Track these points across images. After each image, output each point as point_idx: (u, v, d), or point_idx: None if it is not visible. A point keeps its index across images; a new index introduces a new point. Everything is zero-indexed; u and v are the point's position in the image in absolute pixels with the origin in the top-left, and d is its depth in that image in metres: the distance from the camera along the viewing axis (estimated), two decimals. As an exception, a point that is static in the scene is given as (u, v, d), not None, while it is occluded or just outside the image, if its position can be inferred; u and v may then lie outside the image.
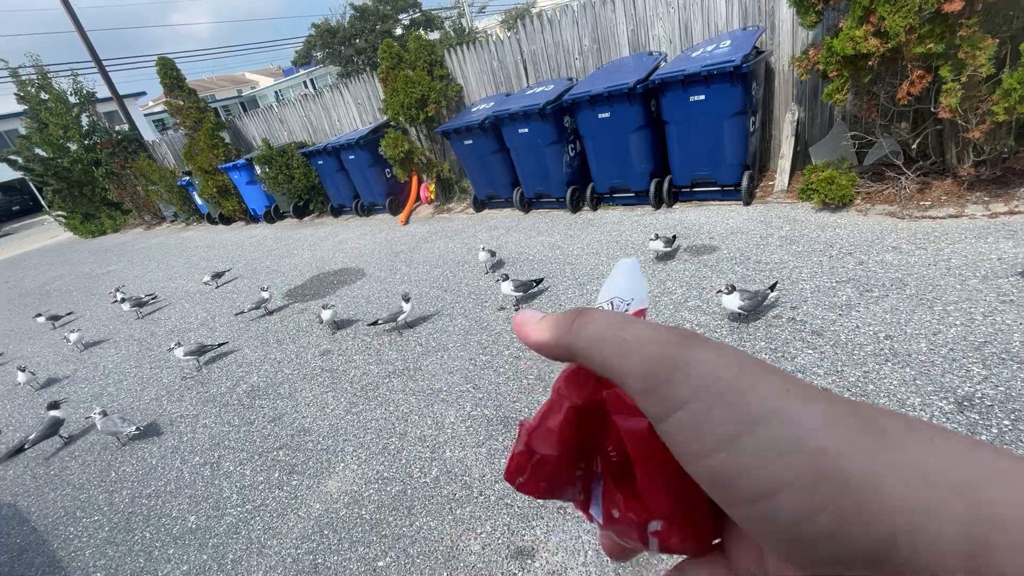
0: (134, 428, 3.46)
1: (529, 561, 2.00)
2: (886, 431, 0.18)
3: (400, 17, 22.59)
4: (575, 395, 0.27)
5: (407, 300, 3.86)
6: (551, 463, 0.28)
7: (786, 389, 0.19)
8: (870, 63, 3.52)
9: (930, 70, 3.44)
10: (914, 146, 4.03)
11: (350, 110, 8.65)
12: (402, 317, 3.87)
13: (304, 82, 34.13)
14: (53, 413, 3.66)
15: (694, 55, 4.65)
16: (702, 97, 4.43)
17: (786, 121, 4.98)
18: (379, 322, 3.94)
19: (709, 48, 4.62)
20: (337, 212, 8.80)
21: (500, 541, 2.11)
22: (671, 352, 0.21)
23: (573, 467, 0.28)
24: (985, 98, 3.32)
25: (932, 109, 3.63)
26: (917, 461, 0.17)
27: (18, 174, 15.48)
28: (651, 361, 0.21)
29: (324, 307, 4.21)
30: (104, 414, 3.44)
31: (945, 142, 3.97)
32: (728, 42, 4.54)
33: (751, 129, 4.64)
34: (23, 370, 4.70)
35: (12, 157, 13.38)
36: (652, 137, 5.06)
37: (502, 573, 1.98)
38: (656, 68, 4.93)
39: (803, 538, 0.18)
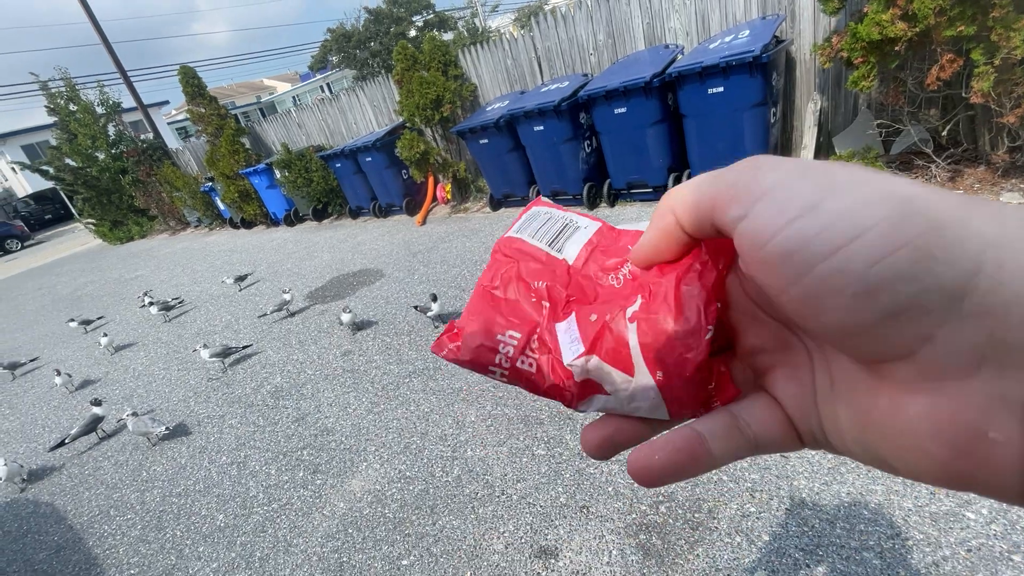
0: (164, 428, 3.55)
1: (553, 560, 1.98)
2: (990, 205, 0.17)
3: (414, 19, 22.75)
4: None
5: (435, 300, 3.92)
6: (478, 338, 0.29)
7: (877, 172, 0.19)
8: (897, 48, 3.41)
9: (961, 53, 3.32)
10: (944, 133, 3.89)
11: (366, 113, 8.73)
12: (430, 314, 3.95)
13: (321, 86, 34.63)
14: (95, 410, 3.80)
15: (712, 47, 4.56)
16: (721, 89, 4.35)
17: (808, 111, 4.85)
18: (418, 308, 4.10)
19: (727, 39, 4.53)
20: (355, 214, 8.89)
21: (523, 540, 2.10)
22: (753, 162, 0.21)
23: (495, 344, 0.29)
24: (1020, 81, 3.18)
25: (963, 94, 3.49)
26: (1018, 214, 0.17)
27: (50, 184, 16.04)
28: (737, 175, 0.21)
29: (344, 310, 4.27)
30: (135, 415, 3.53)
31: (977, 128, 3.83)
32: (747, 32, 4.44)
33: (772, 120, 4.53)
34: (59, 373, 4.86)
35: (44, 167, 13.85)
36: (670, 131, 4.98)
37: (526, 572, 1.97)
38: (673, 61, 4.86)
39: (876, 281, 0.17)
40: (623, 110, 4.93)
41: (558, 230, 0.31)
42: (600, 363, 0.26)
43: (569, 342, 0.27)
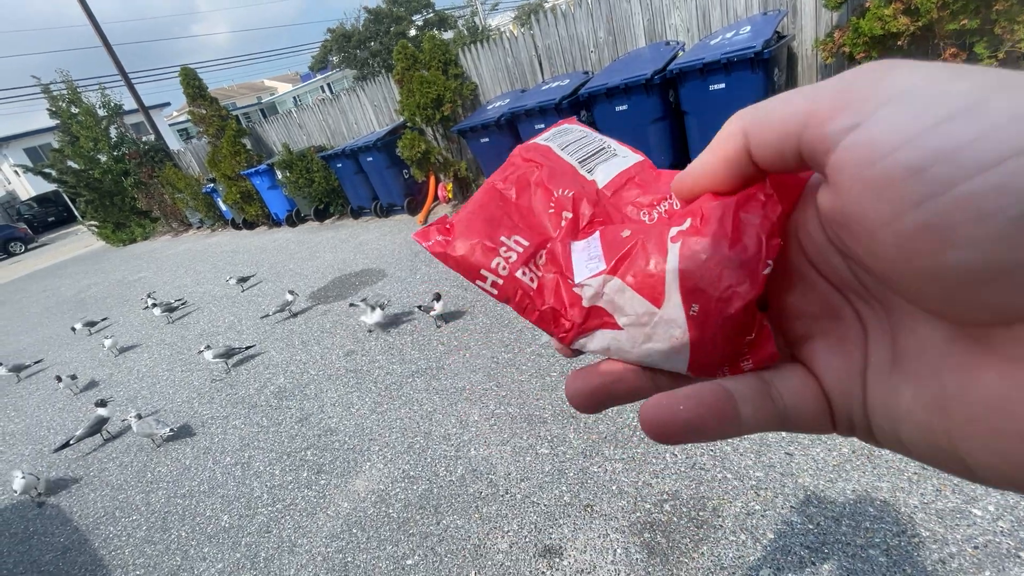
0: (168, 430, 3.55)
1: (557, 559, 1.98)
2: None
3: (414, 18, 22.75)
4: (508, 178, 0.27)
5: (438, 299, 3.93)
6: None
7: None
8: (900, 43, 3.40)
9: (964, 47, 3.30)
10: (948, 128, 3.88)
11: (367, 112, 8.73)
12: (433, 313, 3.96)
13: (321, 87, 34.65)
14: (100, 411, 3.81)
15: (713, 43, 4.55)
16: (722, 86, 4.33)
17: (810, 107, 4.84)
18: (421, 307, 4.10)
19: (728, 35, 4.51)
20: (357, 214, 8.89)
21: (527, 539, 2.10)
22: (879, 65, 0.16)
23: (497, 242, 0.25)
24: (1024, 74, 3.18)
25: (967, 88, 3.48)
26: None
27: (52, 186, 16.11)
28: (851, 80, 0.16)
29: (373, 308, 4.16)
30: (139, 416, 3.54)
31: (981, 122, 3.81)
32: (748, 28, 4.42)
33: (774, 116, 4.52)
34: (60, 379, 4.87)
35: (46, 170, 13.90)
36: (671, 128, 4.97)
37: (530, 571, 1.97)
38: (674, 58, 4.85)
39: None
40: (624, 107, 4.92)
41: (593, 150, 0.28)
42: (621, 287, 0.22)
43: (586, 260, 0.23)
